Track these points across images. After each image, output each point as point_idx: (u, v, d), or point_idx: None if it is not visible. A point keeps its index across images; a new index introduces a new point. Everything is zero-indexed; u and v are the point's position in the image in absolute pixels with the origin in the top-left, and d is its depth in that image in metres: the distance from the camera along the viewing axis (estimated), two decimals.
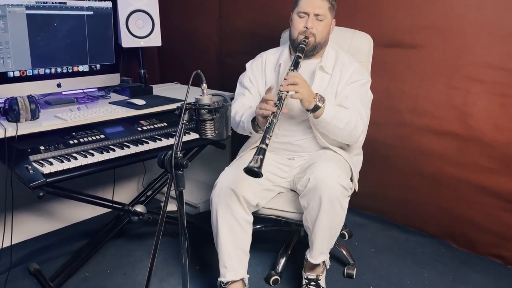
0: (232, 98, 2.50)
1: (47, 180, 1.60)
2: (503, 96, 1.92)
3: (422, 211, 2.30)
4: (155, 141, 2.00)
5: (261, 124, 1.66)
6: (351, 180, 1.75)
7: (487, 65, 1.95)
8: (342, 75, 1.78)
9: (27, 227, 2.28)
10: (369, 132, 2.10)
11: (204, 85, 1.35)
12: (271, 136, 1.51)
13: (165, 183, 2.42)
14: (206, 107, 1.32)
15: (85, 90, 2.35)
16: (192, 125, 1.36)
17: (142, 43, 2.56)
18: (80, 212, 2.47)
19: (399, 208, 2.39)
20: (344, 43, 2.02)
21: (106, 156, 1.81)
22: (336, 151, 1.77)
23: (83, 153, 1.81)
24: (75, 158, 1.75)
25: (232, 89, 2.52)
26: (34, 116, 1.81)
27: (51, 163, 1.68)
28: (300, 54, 1.71)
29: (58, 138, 1.84)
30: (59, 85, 2.12)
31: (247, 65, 1.99)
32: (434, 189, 2.22)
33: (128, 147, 1.91)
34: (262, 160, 1.43)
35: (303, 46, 1.73)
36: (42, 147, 1.75)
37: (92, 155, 1.80)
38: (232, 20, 2.83)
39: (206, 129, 1.35)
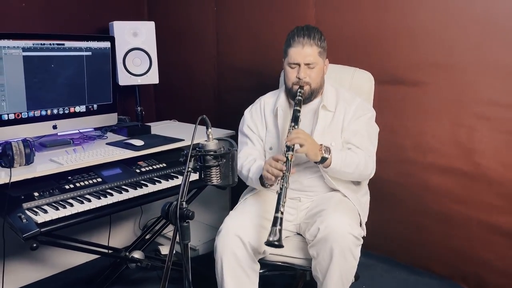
0: (231, 137, 2.47)
1: (41, 230, 1.52)
2: (509, 133, 1.90)
3: (431, 250, 2.23)
4: (154, 183, 1.93)
5: (268, 181, 1.62)
6: (360, 225, 1.68)
7: (492, 102, 1.93)
8: (347, 111, 1.76)
9: (20, 275, 2.16)
10: None
11: (210, 130, 1.30)
12: (285, 202, 1.48)
13: (163, 226, 2.33)
14: (212, 153, 1.27)
15: (81, 130, 2.29)
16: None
17: (139, 81, 2.55)
18: (75, 257, 2.36)
19: (406, 247, 2.32)
20: (344, 81, 2.01)
21: (103, 201, 1.73)
22: (346, 194, 1.71)
23: (80, 198, 1.73)
24: (71, 205, 1.67)
25: (230, 125, 2.50)
26: (28, 160, 1.74)
27: (45, 211, 1.61)
28: (298, 108, 1.68)
29: (53, 183, 1.77)
30: (55, 127, 2.06)
31: (246, 111, 1.96)
32: (442, 228, 2.16)
33: (127, 191, 1.84)
34: (280, 231, 1.43)
35: (300, 98, 1.70)
36: (36, 193, 1.68)
37: (89, 200, 1.72)
38: (230, 57, 2.83)
39: (212, 176, 1.29)
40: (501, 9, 1.84)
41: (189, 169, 1.21)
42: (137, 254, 2.00)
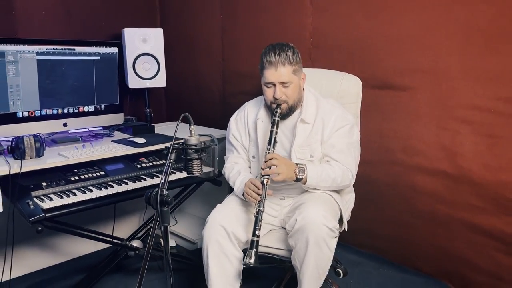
0: None
1: (46, 215, 1.69)
2: (490, 136, 1.97)
3: (418, 249, 2.31)
4: (153, 178, 2.09)
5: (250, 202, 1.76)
6: (341, 220, 1.79)
7: (474, 107, 2.00)
8: (325, 123, 1.82)
9: (28, 261, 2.35)
10: (363, 170, 2.16)
11: (192, 126, 1.44)
12: (260, 226, 1.62)
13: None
14: (193, 147, 1.41)
15: (90, 129, 2.47)
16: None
17: (147, 84, 2.70)
18: (81, 247, 2.54)
19: (394, 246, 2.40)
20: (334, 86, 2.11)
21: (104, 192, 1.89)
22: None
23: (83, 189, 1.90)
24: (74, 194, 1.84)
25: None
26: (38, 154, 1.92)
27: (51, 199, 1.78)
28: (275, 130, 1.75)
29: (60, 175, 1.94)
30: (65, 125, 2.25)
31: (232, 119, 2.04)
32: (428, 228, 2.24)
33: (126, 183, 2.00)
34: (256, 253, 1.57)
35: (277, 119, 1.75)
36: (44, 183, 1.86)
37: (91, 191, 1.89)
38: (234, 62, 2.95)
39: (193, 168, 1.43)
40: (482, 16, 1.93)
41: (171, 160, 1.36)
42: (136, 243, 2.16)
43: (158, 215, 1.31)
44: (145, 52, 2.65)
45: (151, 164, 2.20)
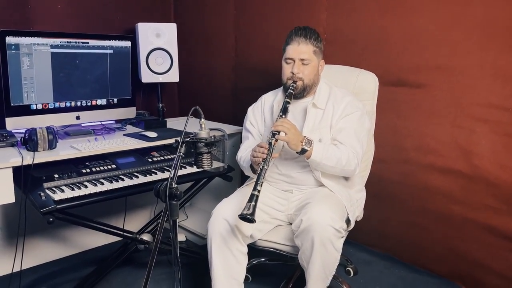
0: (241, 134, 2.60)
1: (57, 206, 1.70)
2: (506, 135, 1.93)
3: (430, 249, 2.27)
4: (163, 172, 2.09)
5: (254, 165, 1.74)
6: (348, 219, 1.77)
7: (491, 105, 1.96)
8: (335, 109, 1.84)
9: (39, 252, 2.38)
10: (375, 169, 2.13)
11: (202, 120, 1.43)
12: (262, 182, 1.59)
13: None
14: (203, 140, 1.40)
15: (103, 122, 2.48)
16: None
17: (160, 79, 2.71)
18: (92, 239, 2.56)
19: (406, 246, 2.37)
20: (349, 82, 2.08)
21: (114, 185, 1.90)
22: (332, 189, 1.81)
23: (94, 181, 1.91)
24: (86, 186, 1.85)
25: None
26: (51, 146, 1.93)
27: (62, 191, 1.79)
28: (288, 100, 1.80)
29: (72, 167, 1.96)
30: (78, 118, 2.26)
31: (249, 109, 2.11)
32: (441, 228, 2.20)
33: (137, 177, 2.01)
34: (254, 207, 1.52)
35: (291, 91, 1.82)
36: (56, 175, 1.87)
37: (102, 184, 1.89)
38: (247, 58, 2.94)
39: (203, 162, 1.43)
40: (500, 12, 1.88)
41: (180, 154, 1.35)
42: (146, 237, 2.16)
43: (166, 208, 1.30)
44: (158, 46, 2.66)
45: (162, 158, 2.20)
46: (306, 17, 2.56)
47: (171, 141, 2.26)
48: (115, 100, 2.40)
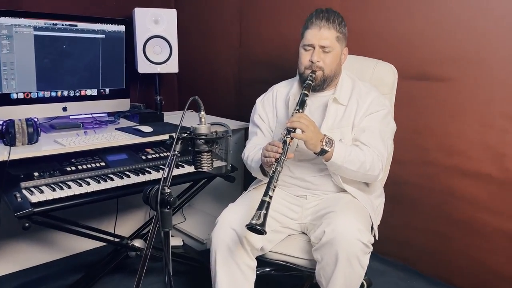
0: (247, 129, 2.40)
1: (35, 209, 1.49)
2: None
3: (452, 261, 2.06)
4: (158, 171, 1.88)
5: (267, 168, 1.52)
6: (372, 229, 1.55)
7: None
8: (360, 105, 1.63)
9: (21, 257, 2.16)
10: (392, 171, 1.92)
11: (202, 113, 1.22)
12: (275, 187, 1.38)
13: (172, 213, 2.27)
14: (203, 137, 1.19)
15: (94, 115, 2.27)
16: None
17: (158, 69, 2.51)
18: (80, 242, 2.34)
19: (425, 256, 2.15)
20: (365, 74, 1.87)
21: (102, 185, 1.69)
22: (355, 195, 1.59)
23: (79, 181, 1.70)
24: (69, 187, 1.63)
25: (248, 120, 2.42)
26: (31, 140, 1.72)
27: (41, 191, 1.58)
28: (306, 92, 1.57)
29: (56, 165, 1.75)
30: (64, 109, 2.05)
31: (258, 100, 1.87)
32: (465, 237, 1.99)
33: (129, 176, 1.79)
34: (265, 215, 1.31)
35: (310, 82, 1.60)
36: (36, 173, 1.66)
37: (88, 184, 1.68)
38: (252, 49, 2.74)
39: (202, 162, 1.21)
40: None
41: (175, 152, 1.14)
42: (137, 243, 1.95)
43: (157, 218, 1.09)
44: (156, 34, 2.47)
45: (157, 155, 1.99)
46: (317, 5, 2.34)
47: (167, 137, 2.04)
48: (107, 90, 2.18)
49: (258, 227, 1.26)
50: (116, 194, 1.72)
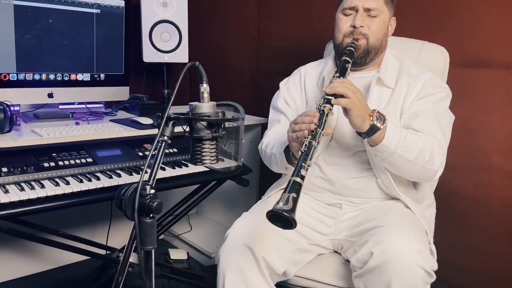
0: (264, 125, 2.07)
1: None
2: None
3: None
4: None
5: (296, 152, 1.16)
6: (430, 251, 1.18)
7: None
8: (410, 88, 1.28)
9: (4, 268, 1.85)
10: (440, 177, 1.55)
11: (205, 85, 0.88)
12: (309, 166, 1.01)
13: (174, 220, 1.93)
14: (205, 117, 0.85)
15: (88, 105, 1.97)
16: None
17: (166, 58, 2.24)
18: (66, 254, 2.00)
19: (481, 283, 1.77)
20: (408, 57, 1.53)
21: (84, 185, 1.36)
22: (409, 205, 1.23)
23: (57, 180, 1.38)
24: (42, 186, 1.31)
25: (268, 114, 2.13)
26: (2, 128, 1.42)
27: (7, 191, 1.26)
28: (347, 59, 1.23)
29: (32, 159, 1.43)
30: (50, 95, 1.74)
31: (282, 83, 1.54)
32: None
33: (119, 175, 1.47)
34: (295, 200, 0.93)
35: (351, 49, 1.26)
36: (5, 169, 1.35)
37: (67, 183, 1.36)
38: (272, 37, 2.46)
39: (204, 153, 0.87)
40: None
41: (164, 136, 0.80)
42: (130, 257, 1.61)
43: (135, 231, 0.75)
44: (164, 19, 2.20)
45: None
46: None
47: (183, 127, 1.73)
48: (102, 76, 1.86)
49: (286, 214, 0.89)
50: (102, 196, 1.39)
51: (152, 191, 0.76)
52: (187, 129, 0.88)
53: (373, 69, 1.35)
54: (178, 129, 0.88)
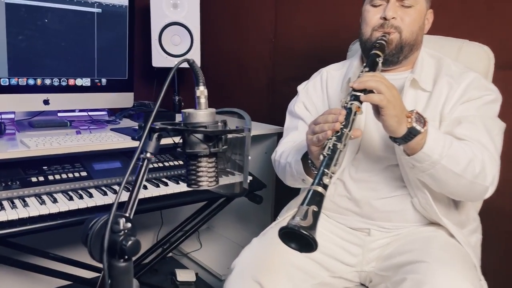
0: (280, 135, 1.90)
1: None
2: None
3: None
4: (158, 186, 1.38)
5: (316, 159, 0.96)
6: None
7: None
8: (452, 91, 1.08)
9: None
10: None
11: (201, 88, 0.71)
12: (333, 173, 0.81)
13: (183, 237, 1.75)
14: (201, 128, 0.67)
15: (90, 113, 1.83)
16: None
17: (176, 63, 2.08)
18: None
19: None
20: (447, 57, 1.33)
21: (74, 204, 1.20)
22: (453, 231, 1.03)
23: (45, 197, 1.22)
24: (25, 204, 1.16)
25: (284, 123, 1.97)
26: None
27: None
28: (377, 52, 1.03)
29: (19, 173, 1.29)
30: (46, 102, 1.59)
31: (300, 87, 1.36)
32: None
33: (115, 192, 1.31)
34: (316, 214, 0.73)
35: (383, 41, 1.07)
36: None
37: (55, 201, 1.20)
38: (290, 40, 2.30)
39: (199, 174, 0.69)
40: None
41: (145, 154, 0.63)
42: None
43: (105, 275, 0.58)
44: (175, 21, 2.08)
45: (161, 165, 1.50)
46: None
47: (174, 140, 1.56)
48: (103, 81, 1.71)
49: (304, 232, 0.69)
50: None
51: (128, 225, 0.58)
52: (181, 141, 0.71)
53: (406, 69, 1.16)
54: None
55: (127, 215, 0.60)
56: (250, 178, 1.02)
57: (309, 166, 1.01)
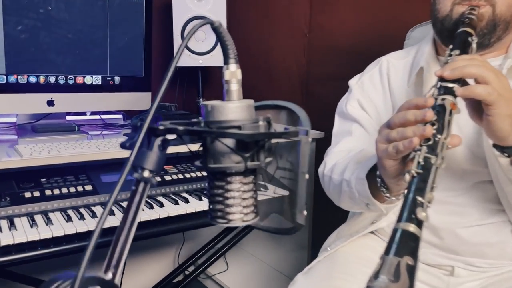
0: (322, 139, 1.66)
1: None
2: None
3: None
4: (177, 203, 1.15)
5: (392, 178, 0.70)
6: None
7: None
8: None
9: None
10: None
11: (233, 67, 0.45)
12: (429, 202, 0.55)
13: (208, 261, 1.53)
14: (233, 131, 0.42)
15: (103, 116, 1.63)
16: None
17: (200, 61, 1.96)
18: None
19: None
20: None
21: (70, 226, 0.97)
22: None
23: (38, 216, 1.00)
24: (13, 228, 0.93)
25: (321, 126, 1.67)
26: None
27: None
28: (468, 29, 0.77)
29: (11, 187, 1.08)
30: (50, 103, 1.39)
31: (352, 82, 1.09)
32: None
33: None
34: (412, 270, 0.46)
35: (473, 16, 0.81)
36: None
37: (49, 222, 0.98)
38: (327, 34, 2.11)
39: (229, 202, 0.44)
40: None
41: (143, 171, 0.39)
42: None
43: None
44: (200, 15, 1.93)
45: (181, 176, 1.27)
46: None
47: (190, 148, 1.33)
48: (117, 79, 1.50)
49: None
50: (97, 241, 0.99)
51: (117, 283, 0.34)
52: (200, 149, 0.47)
53: (499, 54, 0.89)
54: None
55: (107, 277, 0.36)
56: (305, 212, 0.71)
57: (377, 186, 0.75)
